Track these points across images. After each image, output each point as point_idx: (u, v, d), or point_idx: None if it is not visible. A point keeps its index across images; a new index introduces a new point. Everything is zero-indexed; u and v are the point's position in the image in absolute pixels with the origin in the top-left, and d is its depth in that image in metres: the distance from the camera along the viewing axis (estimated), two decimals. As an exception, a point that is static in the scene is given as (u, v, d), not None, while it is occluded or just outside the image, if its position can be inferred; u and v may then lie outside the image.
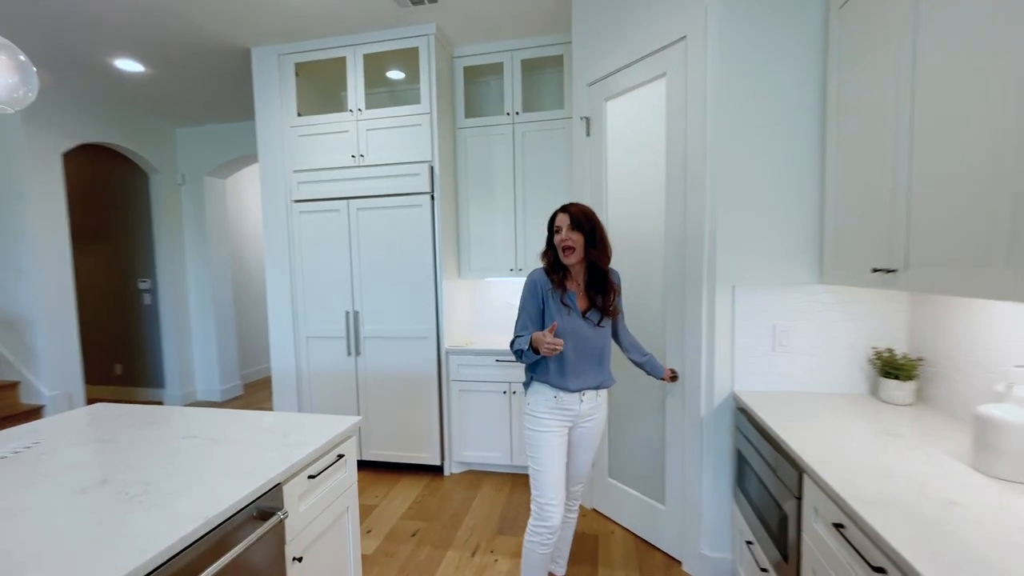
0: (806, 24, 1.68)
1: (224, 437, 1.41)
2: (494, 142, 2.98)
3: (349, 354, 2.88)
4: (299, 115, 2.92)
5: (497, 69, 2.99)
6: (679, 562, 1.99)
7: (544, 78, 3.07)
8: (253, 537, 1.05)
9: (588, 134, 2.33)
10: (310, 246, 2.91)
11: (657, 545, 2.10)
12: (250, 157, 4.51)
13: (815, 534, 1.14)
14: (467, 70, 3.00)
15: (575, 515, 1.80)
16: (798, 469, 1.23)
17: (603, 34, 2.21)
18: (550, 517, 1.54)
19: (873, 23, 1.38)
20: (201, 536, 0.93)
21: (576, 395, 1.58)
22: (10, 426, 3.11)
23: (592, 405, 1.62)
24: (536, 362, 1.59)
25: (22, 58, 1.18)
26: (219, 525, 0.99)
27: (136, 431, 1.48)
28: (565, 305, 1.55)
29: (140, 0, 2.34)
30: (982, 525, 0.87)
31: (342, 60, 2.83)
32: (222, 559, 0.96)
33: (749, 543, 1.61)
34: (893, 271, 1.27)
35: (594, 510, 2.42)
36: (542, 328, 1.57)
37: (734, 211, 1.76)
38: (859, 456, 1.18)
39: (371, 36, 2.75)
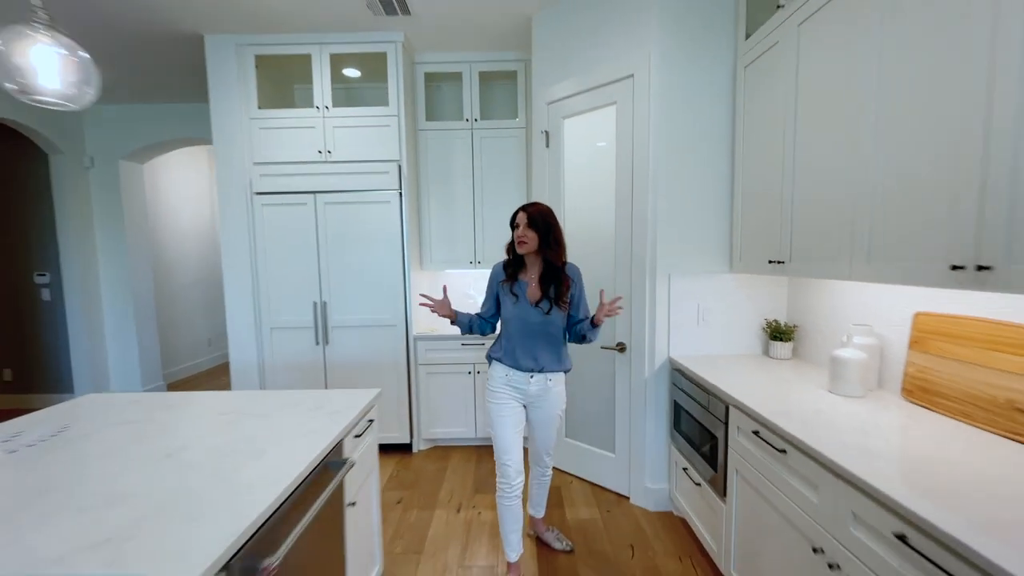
0: (722, 74, 2.21)
1: (261, 411, 1.56)
2: (454, 145, 3.24)
3: (317, 343, 2.98)
4: (259, 108, 2.93)
5: (456, 77, 3.25)
6: (627, 497, 2.48)
7: (500, 89, 3.39)
8: (337, 479, 1.28)
9: (547, 146, 2.71)
10: (274, 238, 2.95)
11: (609, 487, 2.57)
12: (173, 143, 4.26)
13: (738, 444, 1.64)
14: (427, 75, 3.23)
15: (548, 476, 2.04)
16: (725, 403, 1.73)
17: (561, 62, 2.60)
18: (509, 473, 1.77)
19: (765, 81, 1.93)
20: (301, 481, 1.14)
21: (525, 375, 1.80)
22: None
23: (541, 388, 1.82)
24: (495, 343, 1.87)
25: (83, 54, 1.24)
26: (310, 473, 1.20)
27: (159, 413, 1.56)
28: (513, 294, 1.79)
29: (95, -21, 2.25)
30: (834, 419, 1.40)
31: (307, 57, 2.90)
32: (323, 494, 1.19)
33: (685, 469, 2.12)
34: (782, 262, 1.83)
35: (557, 468, 2.84)
36: (497, 311, 1.88)
37: (670, 216, 2.25)
38: (763, 392, 1.70)
39: (339, 37, 2.86)
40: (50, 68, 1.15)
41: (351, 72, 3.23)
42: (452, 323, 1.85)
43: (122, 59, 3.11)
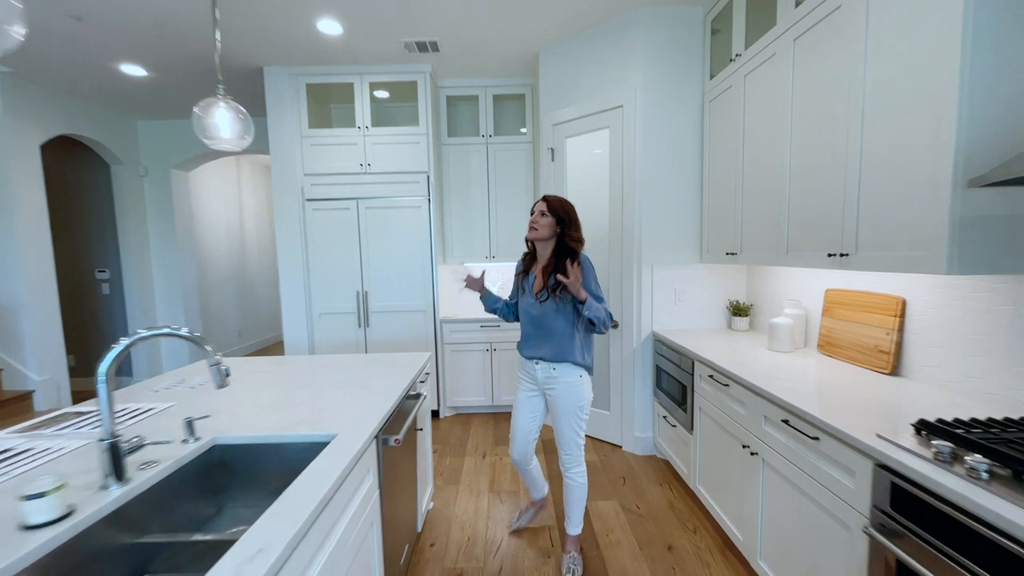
0: (693, 106, 2.79)
1: (350, 365, 2.12)
2: (471, 157, 3.81)
3: (359, 326, 3.54)
4: (310, 127, 3.47)
5: (473, 99, 3.81)
6: (620, 446, 3.06)
7: (511, 108, 3.95)
8: (420, 401, 1.85)
9: (553, 160, 3.28)
10: (322, 237, 3.50)
11: (606, 439, 3.15)
12: (217, 153, 4.77)
13: (700, 388, 2.22)
14: (449, 98, 3.79)
15: (573, 484, 1.93)
16: (692, 359, 2.30)
17: (564, 91, 3.16)
18: (513, 442, 2.02)
19: (723, 114, 2.50)
20: (399, 401, 1.71)
21: (531, 362, 1.91)
22: (-2, 412, 3.29)
23: (547, 376, 1.86)
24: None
25: (243, 113, 1.78)
26: (403, 400, 1.77)
27: (273, 367, 2.12)
28: (523, 288, 1.93)
29: (169, 17, 2.77)
30: (764, 365, 1.98)
31: (350, 85, 3.45)
32: (412, 411, 1.75)
33: (664, 417, 2.71)
34: (735, 254, 2.41)
35: (558, 427, 3.42)
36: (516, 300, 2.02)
37: (652, 218, 2.82)
38: (719, 350, 2.28)
39: (377, 68, 3.41)
40: (225, 124, 1.69)
41: (381, 94, 3.78)
42: (481, 298, 2.00)
43: (184, 81, 3.64)
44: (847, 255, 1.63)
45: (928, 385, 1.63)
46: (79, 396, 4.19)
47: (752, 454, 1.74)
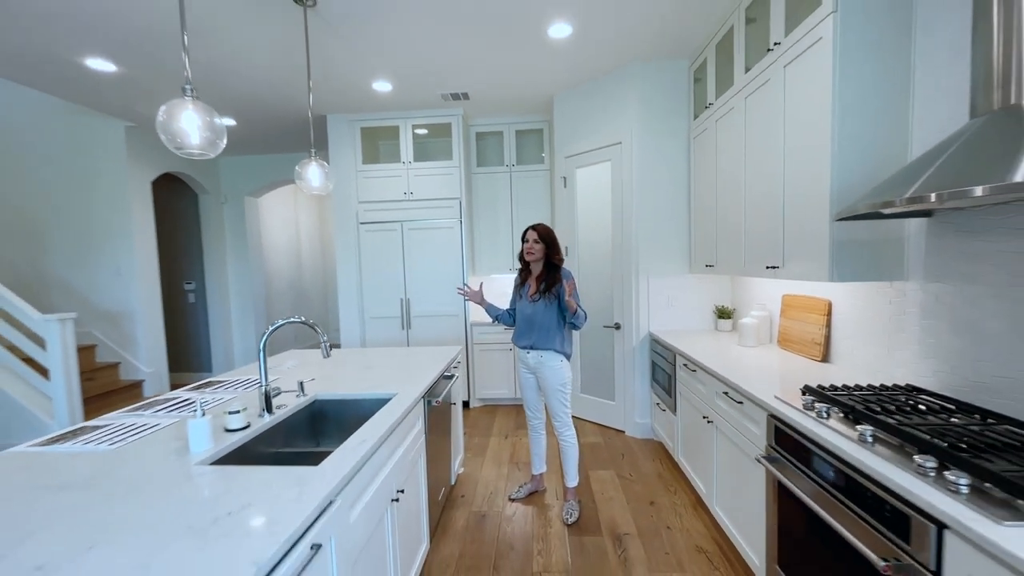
0: (681, 141, 3.30)
1: (396, 353, 2.73)
2: (497, 183, 4.43)
3: (403, 328, 4.19)
4: (363, 163, 4.18)
5: (499, 134, 4.44)
6: (623, 431, 3.55)
7: (530, 141, 4.55)
8: (453, 381, 2.44)
9: (565, 187, 3.85)
10: (372, 254, 4.18)
11: (611, 425, 3.65)
12: (283, 182, 5.60)
13: (681, 375, 2.71)
14: (478, 134, 4.43)
15: (565, 444, 2.48)
16: (674, 353, 2.80)
17: (574, 127, 3.74)
18: (527, 413, 2.62)
19: (703, 150, 3.01)
20: (438, 378, 2.30)
21: (524, 351, 2.47)
22: (115, 398, 4.11)
23: (537, 361, 2.41)
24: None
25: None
26: (440, 377, 2.36)
27: (339, 356, 2.76)
28: (519, 295, 2.51)
29: (259, 87, 3.53)
30: (728, 355, 2.46)
31: (396, 127, 4.15)
32: (447, 387, 2.34)
33: (658, 404, 3.19)
34: (712, 266, 2.90)
35: (576, 416, 3.93)
36: (516, 304, 2.55)
37: (647, 236, 3.34)
38: (697, 346, 2.76)
39: (419, 113, 4.09)
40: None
41: (421, 131, 4.46)
42: (486, 310, 2.57)
43: (261, 125, 4.44)
44: (777, 267, 2.11)
45: (844, 367, 2.09)
46: (175, 386, 5.02)
47: (708, 423, 2.23)
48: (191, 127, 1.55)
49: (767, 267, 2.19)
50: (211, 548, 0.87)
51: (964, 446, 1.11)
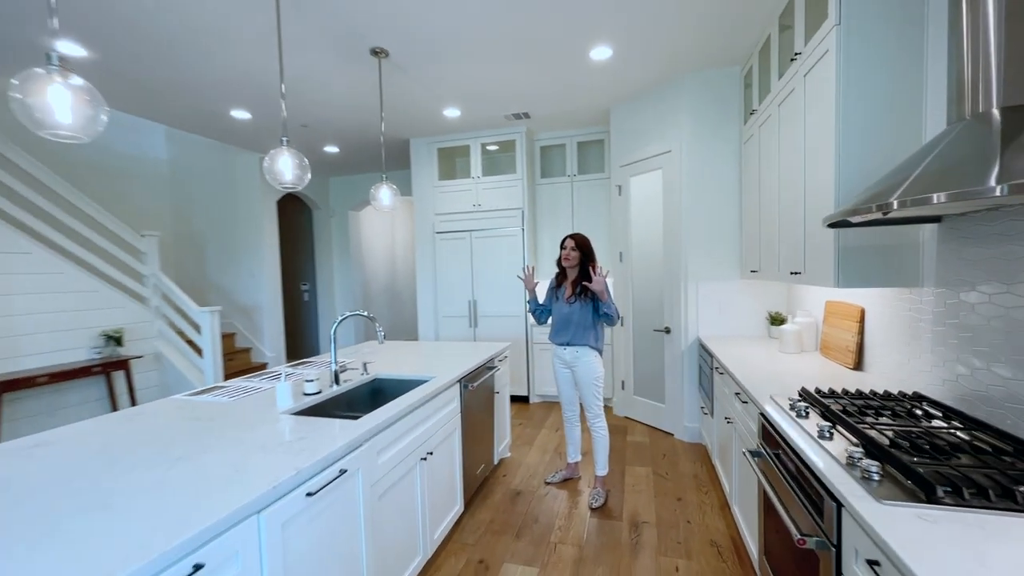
0: (731, 147, 3.31)
1: (450, 346, 3.14)
2: (559, 192, 4.70)
3: (470, 327, 4.64)
4: (439, 179, 4.73)
5: (562, 147, 4.72)
6: (672, 434, 3.60)
7: (592, 151, 4.76)
8: (494, 371, 2.78)
9: (620, 194, 4.01)
10: (445, 260, 4.70)
11: (660, 427, 3.71)
12: (378, 196, 6.41)
13: (716, 378, 2.76)
14: (542, 148, 4.75)
15: (598, 435, 2.67)
16: (711, 355, 2.85)
17: (628, 138, 3.89)
18: (563, 405, 2.83)
19: (750, 155, 3.01)
20: (480, 364, 2.65)
21: (561, 347, 2.69)
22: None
23: (573, 356, 2.63)
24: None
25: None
26: (486, 362, 2.71)
27: (414, 346, 3.24)
28: (556, 297, 2.74)
29: (357, 121, 4.20)
30: (761, 361, 2.48)
31: (467, 147, 4.63)
32: (487, 374, 2.69)
33: (702, 407, 3.22)
34: (756, 271, 2.89)
35: (626, 417, 4.06)
36: (550, 305, 2.78)
37: (696, 242, 3.38)
38: (737, 352, 2.78)
39: (487, 133, 4.52)
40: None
41: (492, 147, 4.89)
42: (527, 300, 3.00)
43: (358, 151, 5.20)
44: (799, 273, 2.13)
45: (873, 375, 2.04)
46: (290, 371, 6.01)
47: (729, 423, 2.30)
48: (285, 168, 2.10)
49: (791, 272, 2.21)
50: (274, 458, 1.30)
51: (905, 444, 1.18)
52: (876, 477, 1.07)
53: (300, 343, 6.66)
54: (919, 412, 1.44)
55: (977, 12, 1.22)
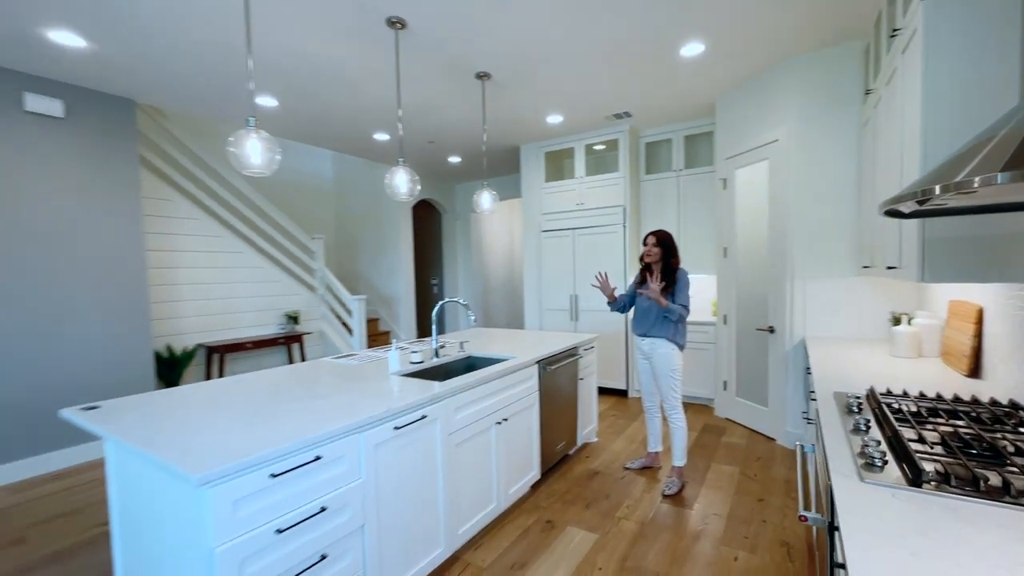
0: (849, 132, 3.01)
1: (541, 335, 3.44)
2: (665, 187, 4.67)
3: (571, 320, 4.89)
4: (546, 181, 5.06)
5: (668, 142, 4.68)
6: (774, 439, 3.41)
7: (700, 145, 4.63)
8: (580, 356, 3.02)
9: (724, 188, 3.88)
10: (549, 257, 5.01)
11: (761, 431, 3.53)
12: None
13: (810, 380, 2.60)
14: (647, 144, 4.76)
15: (675, 427, 2.74)
16: (808, 356, 2.68)
17: (734, 129, 3.74)
18: (644, 399, 2.97)
19: (866, 138, 2.73)
20: (568, 348, 2.91)
21: (640, 338, 2.83)
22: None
23: (650, 347, 2.75)
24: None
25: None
26: (568, 349, 2.97)
27: (511, 335, 3.63)
28: (640, 292, 2.81)
29: (468, 130, 4.72)
30: (879, 367, 2.29)
31: (571, 149, 4.88)
32: (571, 359, 2.94)
33: (804, 413, 3.01)
34: (868, 267, 2.63)
35: (727, 418, 3.92)
36: (633, 298, 2.91)
37: (806, 236, 3.15)
38: (841, 356, 2.58)
39: (590, 134, 4.72)
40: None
41: (599, 147, 5.06)
42: (608, 303, 2.90)
43: (477, 159, 5.79)
44: (895, 267, 1.97)
45: (988, 382, 1.79)
46: (420, 353, 6.94)
47: (810, 423, 2.20)
48: (402, 183, 2.63)
49: (887, 267, 2.04)
50: (379, 401, 1.76)
51: (956, 444, 1.15)
52: (878, 464, 1.09)
53: (430, 329, 7.61)
54: (1010, 421, 1.32)
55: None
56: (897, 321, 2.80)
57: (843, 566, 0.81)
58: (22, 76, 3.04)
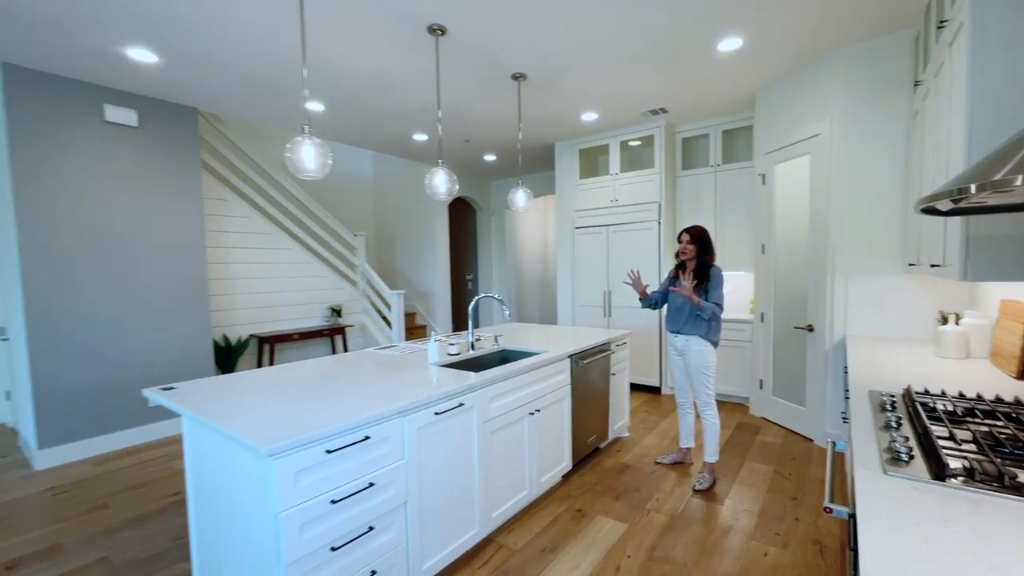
0: (896, 125, 2.91)
1: (573, 330, 3.50)
2: (702, 183, 4.61)
3: (604, 316, 4.92)
4: (580, 178, 5.09)
5: (705, 137, 4.62)
6: (811, 439, 3.34)
7: (738, 139, 4.54)
8: (612, 352, 3.07)
9: (763, 183, 3.81)
10: (583, 254, 5.05)
11: (799, 432, 3.47)
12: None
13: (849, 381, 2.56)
14: (684, 140, 4.72)
15: (708, 423, 2.75)
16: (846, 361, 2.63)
17: (774, 124, 3.67)
18: (676, 395, 2.98)
19: (915, 130, 2.63)
20: (600, 344, 2.97)
21: (673, 334, 2.84)
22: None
23: (683, 344, 2.76)
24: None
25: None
26: (600, 344, 3.03)
27: (543, 328, 3.71)
28: (673, 287, 2.73)
29: (504, 128, 4.80)
30: (921, 367, 2.25)
31: (606, 146, 4.89)
32: (603, 354, 3.00)
33: (842, 413, 2.95)
34: (914, 264, 2.55)
35: (762, 417, 3.87)
36: (666, 294, 2.91)
37: (849, 232, 3.07)
38: (885, 357, 2.52)
39: (625, 131, 4.71)
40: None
41: (634, 143, 5.05)
42: (640, 299, 2.95)
43: (512, 157, 5.88)
44: (938, 265, 1.92)
45: (1036, 387, 1.74)
46: (455, 347, 7.13)
47: (846, 422, 2.18)
48: (441, 183, 2.76)
49: (931, 265, 1.99)
50: (418, 388, 1.89)
51: (988, 442, 1.16)
52: (904, 458, 1.12)
53: (465, 324, 7.78)
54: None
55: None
56: (944, 320, 2.71)
57: (855, 550, 0.85)
58: (102, 89, 3.36)
